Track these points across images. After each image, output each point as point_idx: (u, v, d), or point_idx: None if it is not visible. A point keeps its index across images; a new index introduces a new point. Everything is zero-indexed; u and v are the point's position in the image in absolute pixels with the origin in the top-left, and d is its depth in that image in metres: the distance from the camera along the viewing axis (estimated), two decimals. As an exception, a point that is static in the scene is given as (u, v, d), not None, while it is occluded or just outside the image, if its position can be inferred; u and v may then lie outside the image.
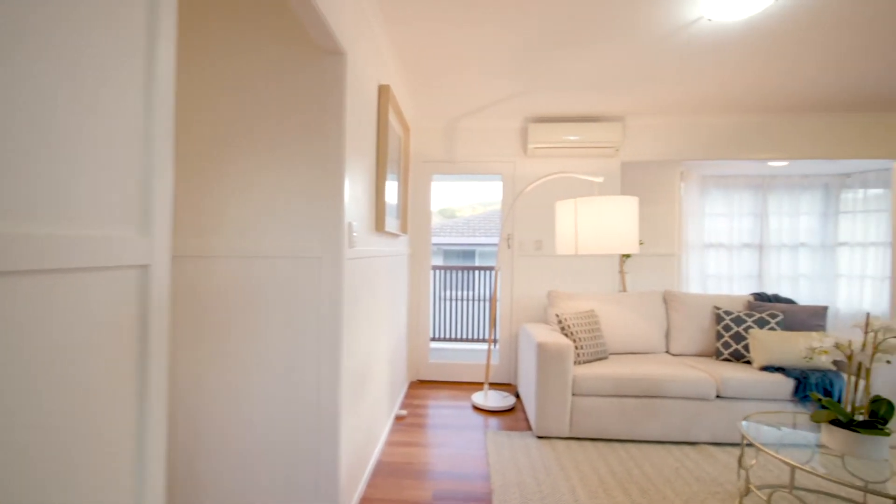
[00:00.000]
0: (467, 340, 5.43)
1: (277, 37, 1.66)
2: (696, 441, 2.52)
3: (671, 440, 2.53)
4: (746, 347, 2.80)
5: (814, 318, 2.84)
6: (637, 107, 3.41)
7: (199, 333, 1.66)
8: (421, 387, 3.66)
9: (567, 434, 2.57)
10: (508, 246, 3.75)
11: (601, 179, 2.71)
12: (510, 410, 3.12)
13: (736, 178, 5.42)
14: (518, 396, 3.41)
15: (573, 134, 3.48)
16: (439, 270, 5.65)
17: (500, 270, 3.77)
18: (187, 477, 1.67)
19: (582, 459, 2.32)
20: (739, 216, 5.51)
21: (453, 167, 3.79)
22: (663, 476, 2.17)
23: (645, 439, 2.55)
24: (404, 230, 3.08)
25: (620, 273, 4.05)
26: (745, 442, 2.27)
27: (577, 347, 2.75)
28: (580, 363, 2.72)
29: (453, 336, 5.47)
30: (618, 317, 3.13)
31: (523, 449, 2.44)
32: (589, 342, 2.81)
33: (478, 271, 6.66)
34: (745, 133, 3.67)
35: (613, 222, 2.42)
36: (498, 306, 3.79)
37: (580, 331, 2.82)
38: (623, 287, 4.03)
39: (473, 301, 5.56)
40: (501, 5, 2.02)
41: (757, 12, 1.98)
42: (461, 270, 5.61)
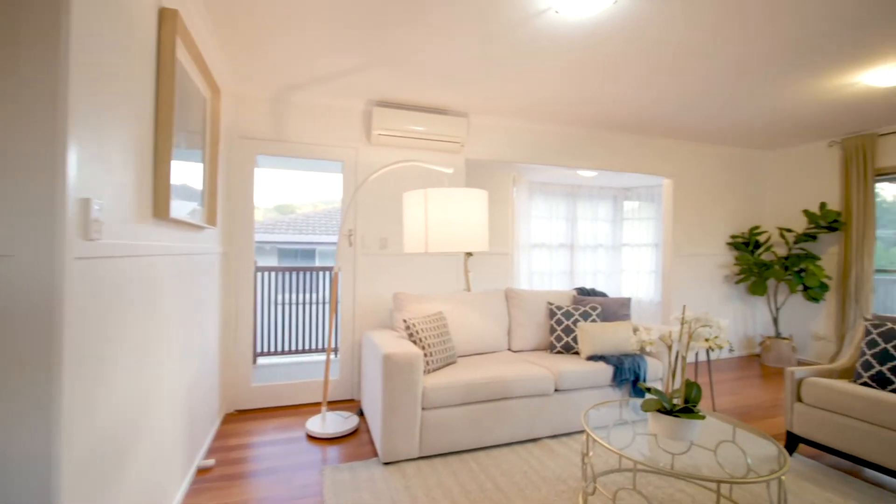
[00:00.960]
0: (308, 352, 4.74)
1: None
2: (539, 437, 2.57)
3: (517, 440, 2.52)
4: (575, 339, 3.02)
5: (622, 309, 3.26)
6: (481, 104, 3.40)
7: None
8: (241, 419, 2.93)
9: (416, 454, 2.30)
10: (350, 243, 3.32)
11: (451, 170, 2.54)
12: (353, 433, 2.70)
13: (554, 186, 6.13)
14: (362, 414, 3.02)
15: (420, 124, 3.26)
16: (273, 272, 4.83)
17: (341, 271, 3.31)
18: None
19: (433, 484, 2.07)
20: (557, 220, 6.26)
21: (284, 148, 3.16)
22: (513, 482, 2.08)
23: (495, 444, 2.47)
24: (212, 222, 2.36)
25: (465, 272, 4.05)
26: (590, 439, 2.33)
27: (427, 355, 2.51)
28: (430, 371, 2.50)
29: (291, 348, 4.72)
30: (465, 317, 3.04)
31: (368, 483, 2.07)
32: (438, 347, 2.61)
33: (320, 272, 5.98)
34: (568, 143, 4.06)
35: (466, 217, 2.25)
36: (338, 312, 3.33)
37: (429, 336, 2.60)
38: (468, 286, 4.04)
39: (316, 305, 4.91)
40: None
41: (601, 10, 2.04)
42: (300, 272, 4.90)
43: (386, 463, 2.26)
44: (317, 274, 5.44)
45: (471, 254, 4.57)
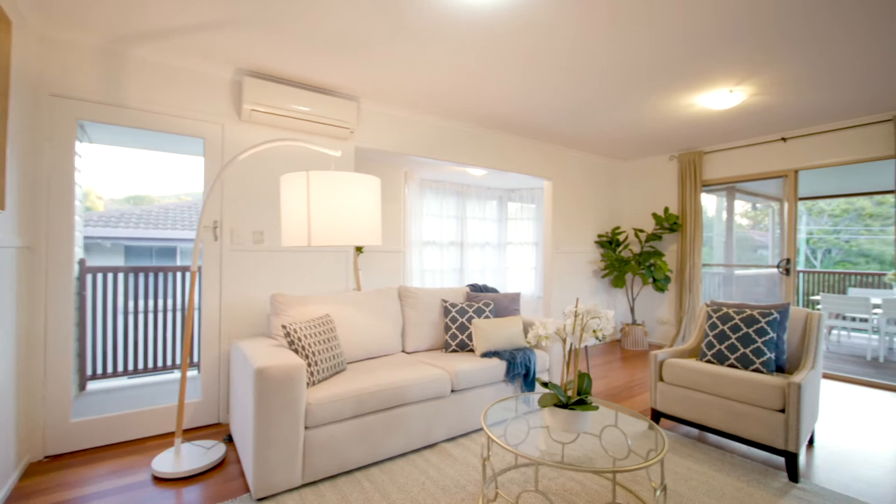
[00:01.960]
0: (163, 370, 3.89)
1: None
2: (435, 441, 2.45)
3: (413, 448, 2.36)
4: (470, 337, 2.99)
5: (513, 304, 3.34)
6: (373, 89, 3.16)
7: None
8: (54, 468, 2.22)
9: (299, 482, 1.98)
10: (216, 237, 2.78)
11: (339, 153, 2.26)
12: (219, 466, 2.24)
13: (445, 184, 6.16)
14: (231, 440, 2.54)
15: (304, 104, 2.89)
16: (114, 274, 3.85)
17: (203, 270, 2.76)
18: None
19: (320, 514, 1.79)
20: (447, 218, 6.31)
21: (122, 116, 2.50)
22: (411, 497, 1.92)
23: (389, 456, 2.27)
24: (-3, 204, 1.70)
25: (355, 270, 3.76)
26: (489, 441, 2.26)
27: (311, 364, 2.20)
28: (315, 383, 2.19)
29: (140, 367, 3.81)
30: (355, 319, 2.77)
31: (235, 528, 1.69)
32: (325, 355, 2.31)
33: (181, 273, 5.01)
34: (460, 139, 4.05)
35: (356, 206, 2.00)
36: (198, 319, 2.76)
37: (314, 343, 2.28)
38: (358, 285, 3.75)
39: (175, 312, 4.06)
40: None
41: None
42: (154, 273, 4.00)
43: (260, 499, 1.90)
44: (177, 275, 4.57)
45: (361, 250, 4.29)
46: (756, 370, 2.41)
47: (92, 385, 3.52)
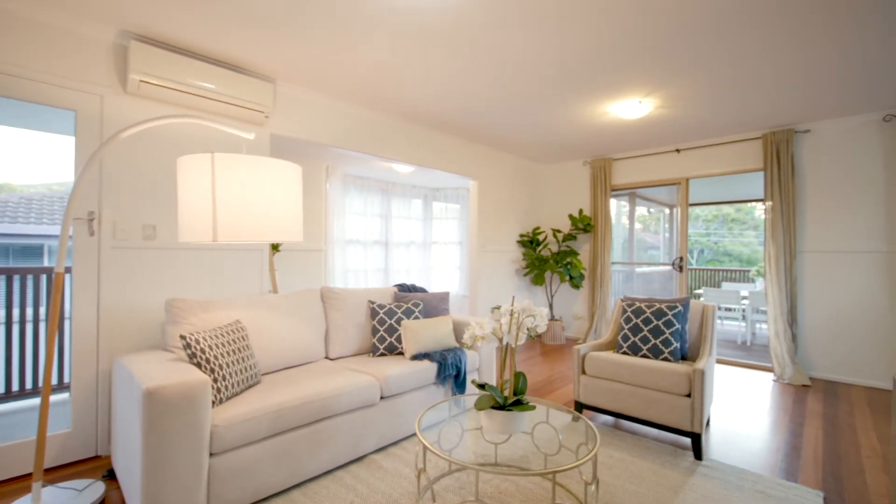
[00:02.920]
0: (23, 395, 3.14)
1: None
2: (364, 453, 2.28)
3: (340, 464, 2.16)
4: (399, 339, 2.85)
5: (442, 303, 3.27)
6: (293, 71, 2.88)
7: None
8: None
9: (203, 518, 1.69)
10: (91, 232, 2.31)
11: (252, 136, 1.99)
12: (92, 510, 1.84)
13: (369, 181, 5.93)
14: (113, 476, 2.12)
15: (209, 80, 2.53)
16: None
17: (74, 272, 2.27)
18: None
19: (230, 554, 1.54)
20: (372, 216, 6.08)
21: (-51, 76, 1.94)
22: (338, 520, 1.74)
23: (314, 476, 2.05)
24: None
25: (271, 270, 3.41)
26: (425, 450, 2.15)
27: (218, 380, 1.90)
28: (223, 401, 1.90)
29: None
30: (272, 325, 2.49)
31: (117, 588, 1.38)
32: (235, 368, 2.02)
33: (48, 276, 4.12)
34: (386, 133, 3.89)
35: (273, 196, 1.77)
36: (68, 331, 2.27)
37: (222, 354, 1.98)
38: (274, 287, 3.41)
39: (44, 323, 3.30)
40: None
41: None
42: (16, 276, 3.21)
43: (151, 545, 1.58)
44: (42, 279, 3.77)
45: (277, 248, 3.91)
46: (665, 359, 2.62)
47: None
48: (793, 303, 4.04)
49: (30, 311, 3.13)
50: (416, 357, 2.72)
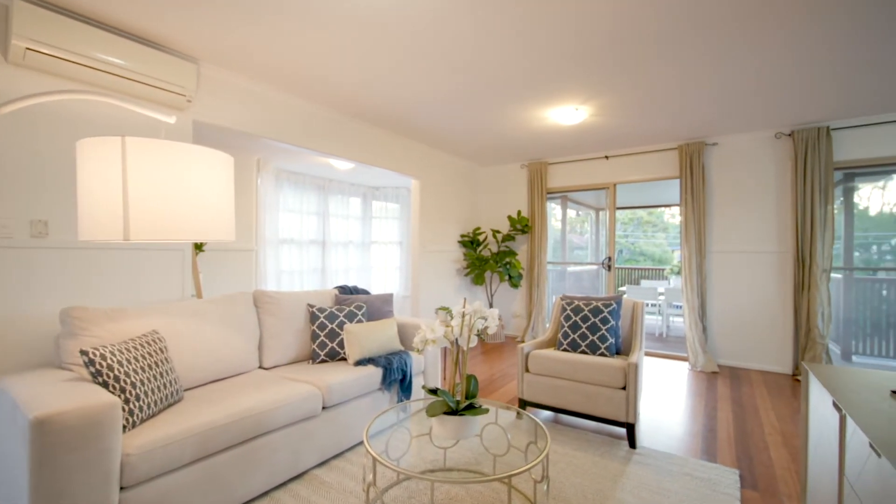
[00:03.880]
0: None
1: None
2: (305, 469, 2.12)
3: (278, 483, 1.99)
4: (341, 344, 2.71)
5: (386, 305, 3.17)
6: (220, 51, 2.61)
7: None
8: None
9: (111, 563, 1.45)
10: (-42, 230, 1.90)
11: (173, 119, 1.76)
12: (-41, 569, 1.50)
13: (305, 177, 5.62)
14: (-15, 523, 1.75)
15: (119, 54, 2.20)
16: None
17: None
18: None
19: None
20: (308, 214, 5.77)
21: None
22: (277, 546, 1.59)
23: (249, 499, 1.86)
24: None
25: (194, 272, 3.06)
26: (375, 462, 2.05)
27: (130, 401, 1.65)
28: (137, 424, 1.65)
29: None
30: (196, 334, 2.23)
31: None
32: (151, 385, 1.77)
33: None
34: (325, 126, 3.69)
35: (199, 189, 1.56)
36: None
37: (134, 370, 1.73)
38: (198, 292, 3.07)
39: None
40: None
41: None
42: None
43: None
44: None
45: (201, 248, 3.54)
46: (602, 354, 2.75)
47: None
48: (703, 298, 4.48)
49: None
50: (360, 362, 2.60)
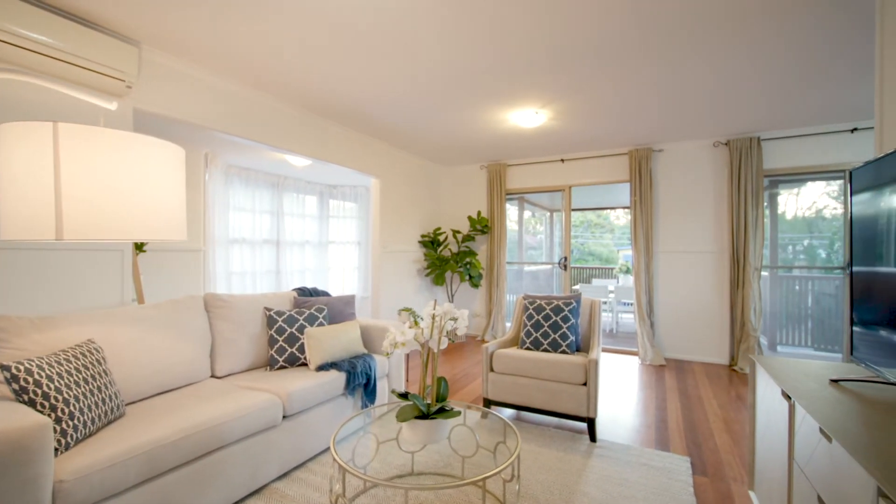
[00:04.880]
0: None
1: None
2: (264, 483, 2.00)
3: (235, 501, 1.86)
4: (301, 348, 2.59)
5: (348, 307, 3.07)
6: (165, 33, 2.41)
7: None
8: None
9: None
10: None
11: (114, 105, 1.62)
12: None
13: (258, 174, 5.35)
14: None
15: (47, 32, 1.97)
16: None
17: None
18: None
19: None
20: (261, 213, 5.49)
21: None
22: (236, 568, 1.48)
23: (198, 521, 1.72)
24: None
25: (135, 275, 2.80)
26: (343, 473, 1.98)
27: (63, 420, 1.47)
28: (71, 446, 1.48)
29: None
30: (138, 343, 2.04)
31: None
32: (88, 401, 1.59)
33: None
34: (279, 120, 3.53)
35: (144, 183, 1.43)
36: None
37: (67, 385, 1.55)
38: (139, 296, 2.82)
39: None
40: None
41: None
42: None
43: None
44: None
45: (142, 248, 3.26)
46: (563, 352, 2.83)
47: None
48: (651, 296, 4.75)
49: None
50: (322, 367, 2.50)
